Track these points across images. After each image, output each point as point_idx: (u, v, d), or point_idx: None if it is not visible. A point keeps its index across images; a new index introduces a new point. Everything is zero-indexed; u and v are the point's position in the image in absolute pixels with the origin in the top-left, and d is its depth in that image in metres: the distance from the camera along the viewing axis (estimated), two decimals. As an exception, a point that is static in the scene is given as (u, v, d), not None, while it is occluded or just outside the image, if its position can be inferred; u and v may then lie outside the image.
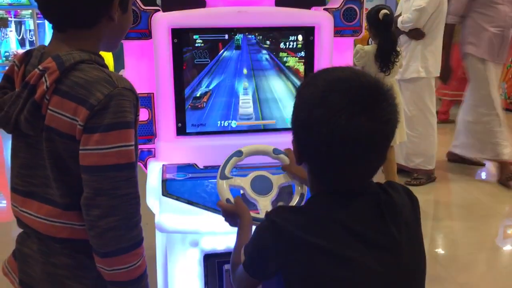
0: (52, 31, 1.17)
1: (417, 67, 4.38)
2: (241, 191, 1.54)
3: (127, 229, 1.08)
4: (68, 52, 1.08)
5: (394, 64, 3.64)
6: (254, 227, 1.24)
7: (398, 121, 1.01)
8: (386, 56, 3.61)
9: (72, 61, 1.07)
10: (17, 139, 1.18)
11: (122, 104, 1.06)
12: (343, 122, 0.95)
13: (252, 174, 1.55)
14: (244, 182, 1.54)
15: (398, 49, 3.69)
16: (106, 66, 1.14)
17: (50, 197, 1.14)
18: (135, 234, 1.11)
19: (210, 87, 1.87)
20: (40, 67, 1.07)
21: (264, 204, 1.50)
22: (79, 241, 1.15)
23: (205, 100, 1.88)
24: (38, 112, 1.07)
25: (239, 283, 1.18)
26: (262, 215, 1.44)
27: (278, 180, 1.55)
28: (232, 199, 1.46)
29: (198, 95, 1.87)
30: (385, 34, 3.67)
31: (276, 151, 1.59)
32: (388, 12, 3.71)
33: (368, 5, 3.00)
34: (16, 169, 1.20)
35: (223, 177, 1.53)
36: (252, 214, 1.41)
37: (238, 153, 1.59)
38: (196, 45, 1.83)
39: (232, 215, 1.39)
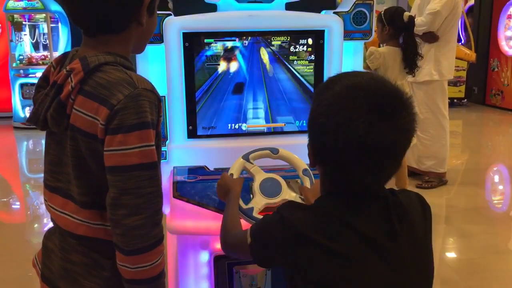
0: (69, 36, 1.20)
1: (430, 69, 4.37)
2: (251, 182, 1.57)
3: (151, 227, 1.11)
4: (95, 54, 1.12)
5: (417, 66, 3.67)
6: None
7: (415, 131, 1.01)
8: (412, 57, 3.64)
9: (96, 62, 1.10)
10: (49, 136, 1.23)
11: (142, 105, 1.08)
12: (361, 129, 0.95)
13: (270, 175, 1.57)
14: (259, 176, 1.56)
15: (419, 51, 3.71)
16: (132, 69, 1.17)
17: (72, 193, 1.18)
18: (158, 232, 1.13)
19: (221, 90, 1.89)
20: (67, 67, 1.12)
21: (258, 202, 1.51)
22: (94, 239, 1.18)
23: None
24: (63, 111, 1.11)
25: (232, 250, 1.29)
26: (245, 206, 1.48)
27: (288, 194, 1.55)
28: (235, 176, 1.53)
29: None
30: (410, 36, 3.70)
31: (305, 172, 1.59)
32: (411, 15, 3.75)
33: (378, 8, 3.00)
34: (47, 165, 1.25)
35: (245, 157, 1.58)
36: (240, 201, 1.47)
37: (274, 150, 1.62)
38: (207, 48, 1.85)
39: (224, 186, 1.49)
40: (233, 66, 1.88)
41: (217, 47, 1.85)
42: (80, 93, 1.10)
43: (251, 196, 1.55)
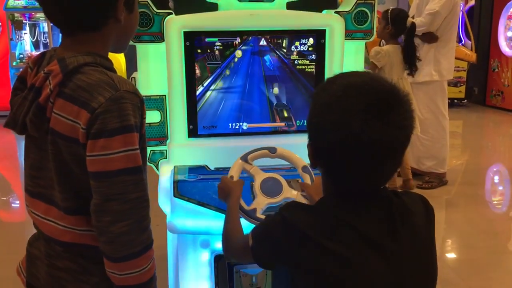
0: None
1: (430, 70, 4.37)
2: (252, 182, 1.56)
3: (138, 233, 1.08)
4: (73, 55, 1.08)
5: (416, 68, 4.00)
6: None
7: (414, 127, 1.01)
8: (411, 59, 3.94)
9: (75, 64, 1.07)
10: (28, 140, 1.19)
11: (124, 108, 1.05)
12: (357, 128, 0.94)
13: (270, 174, 1.57)
14: (258, 176, 1.55)
15: (417, 54, 4.02)
16: (112, 69, 1.14)
17: (55, 199, 1.14)
18: (146, 237, 1.10)
19: (221, 90, 1.88)
20: (45, 69, 1.08)
21: (260, 203, 1.50)
22: (82, 245, 1.15)
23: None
24: (43, 115, 1.07)
25: (234, 255, 1.29)
26: (248, 208, 1.47)
27: (289, 193, 1.55)
28: (235, 178, 1.51)
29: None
30: (410, 40, 4.02)
31: (305, 169, 1.59)
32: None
33: (379, 8, 3.02)
34: (27, 169, 1.20)
35: (244, 159, 1.57)
36: (242, 202, 1.46)
37: (272, 149, 1.61)
38: (208, 47, 1.84)
39: (225, 189, 1.48)
40: (234, 66, 1.87)
41: (218, 46, 1.85)
42: (60, 96, 1.06)
43: (253, 196, 1.54)
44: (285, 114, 1.95)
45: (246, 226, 1.37)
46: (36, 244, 1.23)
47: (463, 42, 8.99)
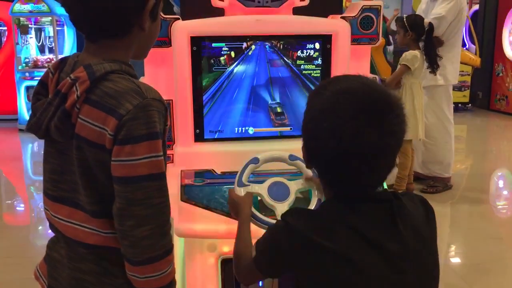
0: (75, 39, 1.18)
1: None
2: (259, 198, 1.57)
3: (159, 237, 1.10)
4: (99, 62, 1.10)
5: (438, 66, 4.12)
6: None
7: (405, 131, 1.03)
8: (434, 58, 4.07)
9: (102, 71, 1.08)
10: (49, 145, 1.20)
11: (151, 115, 1.07)
12: (349, 134, 0.97)
13: (269, 181, 1.58)
14: (262, 189, 1.56)
15: (438, 53, 4.12)
16: (136, 76, 1.16)
17: (80, 203, 1.16)
18: (167, 242, 1.12)
19: (228, 94, 1.89)
20: (71, 76, 1.09)
21: (282, 210, 1.50)
22: (106, 248, 1.16)
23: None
24: (68, 120, 1.09)
25: (245, 274, 1.25)
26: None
27: (295, 185, 1.57)
28: None
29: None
30: (430, 40, 4.13)
31: (291, 157, 1.61)
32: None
33: (384, 13, 3.04)
34: (47, 174, 1.22)
35: (241, 184, 1.56)
36: (269, 219, 1.47)
37: (255, 160, 1.62)
38: (215, 52, 1.85)
39: (235, 206, 1.47)
40: (240, 70, 1.88)
41: (225, 51, 1.86)
42: (86, 102, 1.08)
43: (274, 208, 1.55)
44: (291, 119, 1.95)
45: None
46: (56, 248, 1.24)
47: (467, 47, 9.00)
